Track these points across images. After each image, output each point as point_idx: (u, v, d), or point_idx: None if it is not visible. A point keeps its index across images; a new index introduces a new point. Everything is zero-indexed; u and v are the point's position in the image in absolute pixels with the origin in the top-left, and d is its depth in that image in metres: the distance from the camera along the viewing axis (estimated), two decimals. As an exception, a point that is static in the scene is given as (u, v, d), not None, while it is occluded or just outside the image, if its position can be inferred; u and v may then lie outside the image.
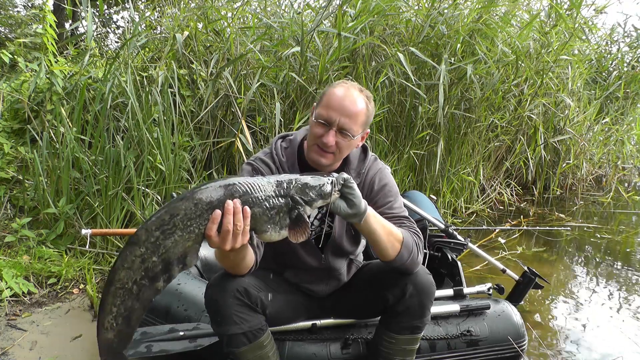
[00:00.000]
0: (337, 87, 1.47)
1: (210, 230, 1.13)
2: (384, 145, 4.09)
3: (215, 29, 3.82)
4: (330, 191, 1.27)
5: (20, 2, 8.67)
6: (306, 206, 1.24)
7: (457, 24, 4.21)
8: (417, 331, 1.58)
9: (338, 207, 1.31)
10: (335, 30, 3.44)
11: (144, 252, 1.10)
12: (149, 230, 1.11)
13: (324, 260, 1.61)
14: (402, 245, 1.44)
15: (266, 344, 1.49)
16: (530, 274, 2.52)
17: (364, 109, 1.46)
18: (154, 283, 1.13)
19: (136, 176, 2.90)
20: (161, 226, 1.11)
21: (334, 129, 1.43)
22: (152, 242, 1.10)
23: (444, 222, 2.63)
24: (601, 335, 2.45)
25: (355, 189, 1.31)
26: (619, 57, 7.15)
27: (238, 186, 1.17)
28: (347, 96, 1.44)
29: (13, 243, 2.70)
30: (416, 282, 1.51)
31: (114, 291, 1.12)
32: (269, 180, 1.23)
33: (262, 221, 1.20)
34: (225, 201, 1.14)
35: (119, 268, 1.11)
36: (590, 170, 6.75)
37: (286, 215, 1.22)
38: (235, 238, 1.14)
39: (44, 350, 2.00)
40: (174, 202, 1.14)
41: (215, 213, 1.13)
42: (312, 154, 1.48)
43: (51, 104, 3.08)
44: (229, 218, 1.12)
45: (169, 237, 1.11)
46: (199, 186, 1.17)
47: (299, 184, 1.25)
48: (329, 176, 1.30)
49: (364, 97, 1.47)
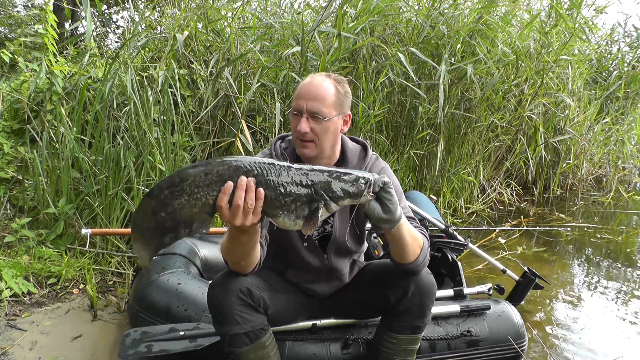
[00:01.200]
0: (305, 79, 1.52)
1: (220, 200, 1.14)
2: (384, 145, 4.09)
3: (215, 29, 3.82)
4: (361, 191, 1.21)
5: (20, 2, 8.67)
6: (331, 202, 1.20)
7: (458, 24, 4.21)
8: (418, 331, 1.58)
9: (373, 209, 1.26)
10: (335, 30, 3.44)
11: (154, 205, 1.17)
12: (160, 187, 1.17)
13: (327, 260, 1.61)
14: (422, 250, 1.45)
15: (268, 344, 1.48)
16: (530, 275, 2.52)
17: (332, 89, 1.47)
18: (162, 237, 1.19)
19: (136, 176, 2.90)
20: (170, 186, 1.16)
21: (305, 116, 1.45)
22: (161, 198, 1.16)
23: (444, 222, 2.63)
24: (601, 336, 2.45)
25: (393, 195, 1.26)
26: (619, 57, 7.14)
27: (256, 164, 1.17)
28: (311, 82, 1.48)
29: (13, 243, 2.69)
30: (418, 282, 1.51)
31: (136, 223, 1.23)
32: (293, 165, 1.20)
33: (273, 206, 1.18)
34: (238, 177, 1.15)
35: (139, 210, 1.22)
36: (590, 170, 6.75)
37: (305, 206, 1.19)
38: (245, 215, 1.15)
39: (43, 350, 2.00)
40: (189, 167, 1.18)
41: (227, 184, 1.14)
42: (296, 147, 1.52)
43: (51, 104, 3.08)
44: (240, 193, 1.14)
45: (176, 198, 1.15)
46: (216, 158, 1.20)
47: (328, 178, 1.20)
48: (366, 174, 1.24)
49: (330, 80, 1.49)
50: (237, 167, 1.16)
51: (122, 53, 3.23)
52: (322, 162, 1.53)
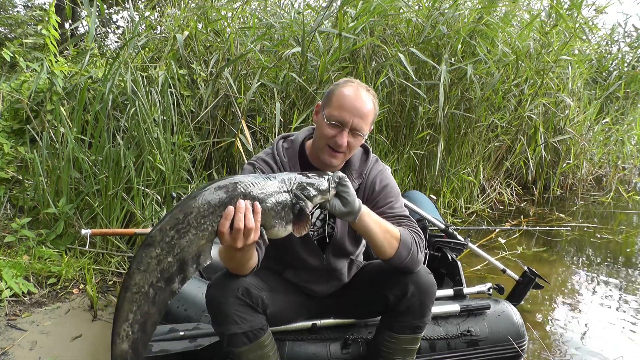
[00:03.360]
0: (346, 87, 1.48)
1: (223, 226, 1.14)
2: (384, 145, 4.09)
3: (215, 29, 3.82)
4: (327, 187, 1.31)
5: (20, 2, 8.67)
6: (307, 201, 1.27)
7: (458, 24, 4.21)
8: (418, 331, 1.58)
9: (333, 205, 1.34)
10: (335, 30, 3.44)
11: (160, 252, 1.10)
12: (163, 230, 1.11)
13: (326, 260, 1.61)
14: (400, 243, 1.44)
15: (267, 343, 1.48)
16: (530, 274, 2.52)
17: (373, 108, 1.50)
18: (170, 285, 1.12)
19: (136, 176, 2.90)
20: (175, 225, 1.11)
21: (347, 130, 1.44)
22: (167, 242, 1.10)
23: (444, 222, 2.63)
24: (601, 336, 2.45)
25: (350, 188, 1.34)
26: (619, 57, 7.14)
27: (247, 183, 1.19)
28: (358, 97, 1.46)
29: (13, 243, 2.69)
30: (417, 282, 1.51)
31: (130, 297, 1.09)
32: (272, 177, 1.27)
33: (270, 216, 1.22)
34: (237, 198, 1.16)
35: (134, 272, 1.09)
36: (590, 170, 6.75)
37: (290, 210, 1.25)
38: (247, 236, 1.16)
39: (44, 350, 2.00)
40: (186, 200, 1.14)
41: (228, 209, 1.14)
42: (324, 155, 1.49)
43: (51, 104, 3.08)
44: (239, 215, 1.14)
45: (184, 236, 1.11)
46: (207, 184, 1.18)
47: (299, 181, 1.29)
48: (325, 174, 1.35)
49: (371, 97, 1.50)
50: (234, 189, 1.16)
51: (122, 53, 3.23)
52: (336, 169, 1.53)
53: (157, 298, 1.11)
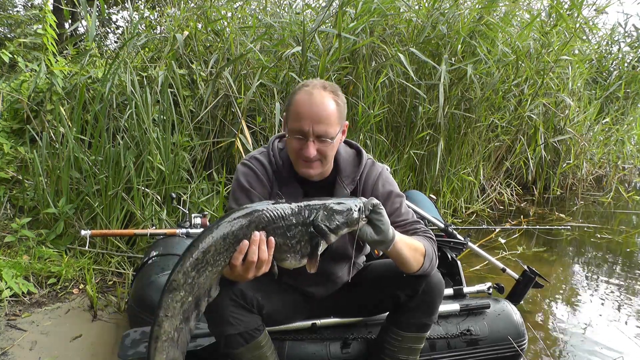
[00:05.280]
0: (300, 94, 1.39)
1: (236, 260, 1.13)
2: (384, 145, 4.09)
3: (215, 29, 3.82)
4: (357, 218, 1.22)
5: (20, 2, 8.67)
6: (331, 234, 1.21)
7: (458, 24, 4.21)
8: (425, 329, 1.59)
9: (365, 233, 1.26)
10: (335, 30, 3.44)
11: (184, 295, 1.11)
12: (186, 272, 1.11)
13: (321, 264, 1.59)
14: (425, 257, 1.44)
15: (263, 344, 1.48)
16: (530, 273, 2.52)
17: (333, 105, 1.38)
18: (188, 323, 1.12)
19: (136, 176, 2.90)
20: (196, 265, 1.12)
21: (311, 139, 1.36)
22: (189, 283, 1.11)
23: (444, 221, 2.63)
24: (601, 335, 2.45)
25: (385, 216, 1.26)
26: (619, 57, 7.14)
27: (263, 215, 1.16)
28: (312, 102, 1.36)
29: (13, 243, 2.69)
30: (428, 281, 1.51)
31: (160, 346, 1.09)
32: (292, 207, 1.20)
33: (282, 250, 1.19)
34: (251, 232, 1.14)
35: (163, 320, 1.08)
36: (590, 170, 6.75)
37: (307, 244, 1.20)
38: (258, 268, 1.15)
39: (44, 350, 2.00)
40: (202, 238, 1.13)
41: (242, 244, 1.13)
42: (300, 168, 1.45)
43: (51, 104, 3.08)
44: (253, 249, 1.13)
45: (202, 274, 1.12)
46: (224, 217, 1.17)
47: (323, 211, 1.21)
48: (357, 201, 1.25)
49: (329, 94, 1.38)
50: (249, 223, 1.15)
51: (122, 53, 3.23)
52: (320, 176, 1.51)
53: (179, 340, 1.12)
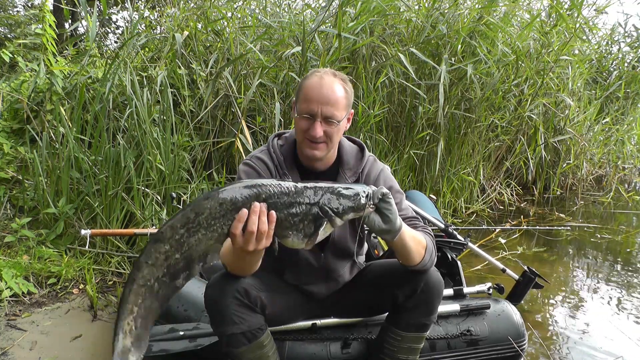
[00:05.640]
0: (311, 78, 1.47)
1: (235, 229, 1.14)
2: (384, 145, 4.09)
3: (215, 29, 3.82)
4: (364, 204, 1.22)
5: (20, 2, 8.67)
6: (336, 217, 1.21)
7: (458, 24, 4.21)
8: (424, 329, 1.59)
9: (373, 221, 1.28)
10: (335, 30, 3.44)
11: (168, 249, 1.12)
12: (174, 227, 1.12)
13: (323, 260, 1.61)
14: (426, 251, 1.46)
15: (266, 343, 1.48)
16: (530, 274, 2.52)
17: (342, 91, 1.46)
18: (174, 280, 1.14)
19: (136, 176, 2.90)
20: (186, 224, 1.12)
21: (319, 120, 1.43)
22: (176, 239, 1.12)
23: (444, 221, 2.63)
24: (601, 335, 2.45)
25: (393, 205, 1.28)
26: (619, 57, 7.14)
27: (265, 188, 1.17)
28: (323, 85, 1.44)
29: (13, 243, 2.69)
30: (427, 280, 1.52)
31: (136, 289, 1.11)
32: (298, 185, 1.21)
33: (284, 226, 1.19)
34: (251, 202, 1.14)
35: (142, 265, 1.11)
36: (590, 170, 6.75)
37: (311, 224, 1.20)
38: (259, 240, 1.16)
39: (44, 350, 2.00)
40: (200, 200, 1.15)
41: (241, 212, 1.14)
42: (305, 149, 1.49)
43: (51, 104, 3.08)
44: (253, 219, 1.14)
45: (193, 235, 1.13)
46: (225, 185, 1.18)
47: (331, 194, 1.22)
48: (365, 187, 1.25)
49: (339, 81, 1.47)
50: (249, 193, 1.15)
51: (122, 53, 3.23)
52: (324, 160, 1.54)
53: (160, 292, 1.13)
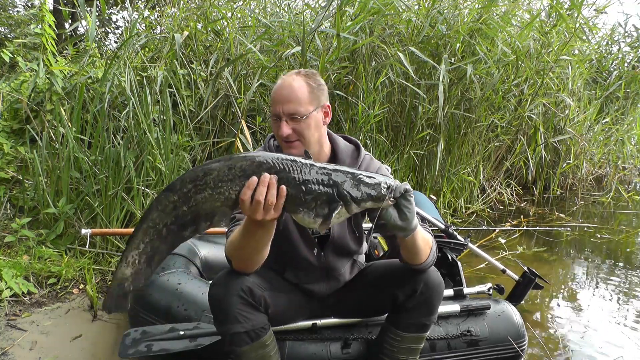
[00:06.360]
0: (277, 82, 1.53)
1: (244, 195, 1.16)
2: (384, 145, 4.09)
3: (215, 29, 3.82)
4: (383, 195, 1.20)
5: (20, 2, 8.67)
6: (353, 203, 1.20)
7: (457, 23, 4.21)
8: (424, 329, 1.59)
9: (390, 215, 1.25)
10: (334, 30, 3.44)
11: (176, 199, 1.17)
12: (183, 181, 1.17)
13: (323, 258, 1.61)
14: (431, 250, 1.48)
15: (268, 343, 1.48)
16: (530, 274, 2.52)
17: (303, 86, 1.47)
18: (182, 231, 1.20)
19: (136, 176, 2.90)
20: (194, 180, 1.17)
21: (284, 119, 1.46)
22: (184, 192, 1.17)
23: (444, 222, 2.62)
24: (601, 336, 2.45)
25: (413, 203, 1.26)
26: (619, 57, 7.15)
27: (277, 162, 1.18)
28: (283, 85, 1.48)
29: (13, 243, 2.69)
30: (427, 280, 1.52)
31: (145, 228, 1.18)
32: (316, 164, 1.20)
33: (294, 202, 1.19)
34: (261, 172, 1.16)
35: (153, 208, 1.18)
36: (590, 170, 6.75)
37: (325, 205, 1.19)
38: (267, 211, 1.17)
39: (44, 350, 2.00)
40: (212, 161, 1.19)
41: (251, 179, 1.16)
42: (284, 150, 1.52)
43: (51, 104, 3.08)
44: (261, 189, 1.15)
45: (200, 192, 1.17)
46: (241, 153, 1.21)
47: (352, 179, 1.21)
48: (389, 180, 1.24)
49: (301, 77, 1.49)
50: (260, 163, 1.17)
51: (121, 53, 3.23)
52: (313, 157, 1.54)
53: (168, 238, 1.20)
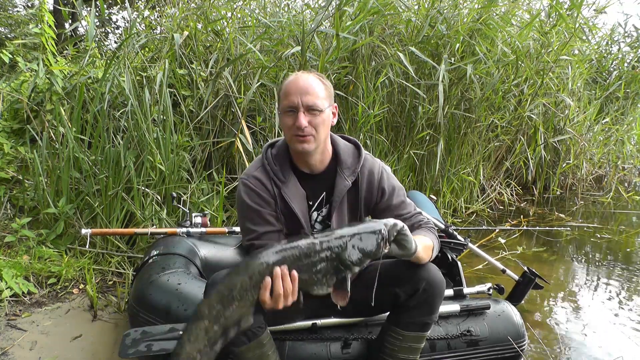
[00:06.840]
0: (289, 78, 1.53)
1: (264, 296, 1.24)
2: (383, 145, 4.09)
3: (214, 29, 3.82)
4: (381, 246, 1.29)
5: (20, 2, 8.67)
6: (354, 267, 1.29)
7: (457, 23, 4.21)
8: (425, 328, 1.59)
9: (391, 251, 1.36)
10: (333, 30, 3.44)
11: (207, 324, 1.23)
12: (211, 304, 1.24)
13: None
14: (433, 251, 1.55)
15: (265, 342, 1.49)
16: (530, 274, 2.52)
17: (320, 82, 1.50)
18: (214, 347, 1.26)
19: (136, 176, 2.90)
20: (221, 300, 1.24)
21: (302, 111, 1.45)
22: (214, 315, 1.24)
23: (444, 222, 2.62)
24: (601, 336, 2.45)
25: (409, 234, 1.35)
26: (619, 57, 7.15)
27: (288, 253, 1.26)
28: (298, 79, 1.49)
29: (13, 243, 2.69)
30: (429, 279, 1.53)
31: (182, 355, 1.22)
32: (314, 241, 1.28)
33: (308, 284, 1.29)
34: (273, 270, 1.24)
35: (185, 343, 1.22)
36: (590, 170, 6.75)
37: (333, 275, 1.29)
38: (286, 299, 1.25)
39: (44, 350, 2.00)
40: (232, 276, 1.26)
41: (265, 281, 1.23)
42: (294, 144, 1.50)
43: (51, 104, 3.08)
44: (278, 283, 1.23)
45: (228, 308, 1.24)
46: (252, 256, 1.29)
47: (347, 246, 1.28)
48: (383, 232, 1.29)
49: (314, 75, 1.52)
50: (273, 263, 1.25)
51: (121, 53, 3.23)
52: (318, 157, 1.56)
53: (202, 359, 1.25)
